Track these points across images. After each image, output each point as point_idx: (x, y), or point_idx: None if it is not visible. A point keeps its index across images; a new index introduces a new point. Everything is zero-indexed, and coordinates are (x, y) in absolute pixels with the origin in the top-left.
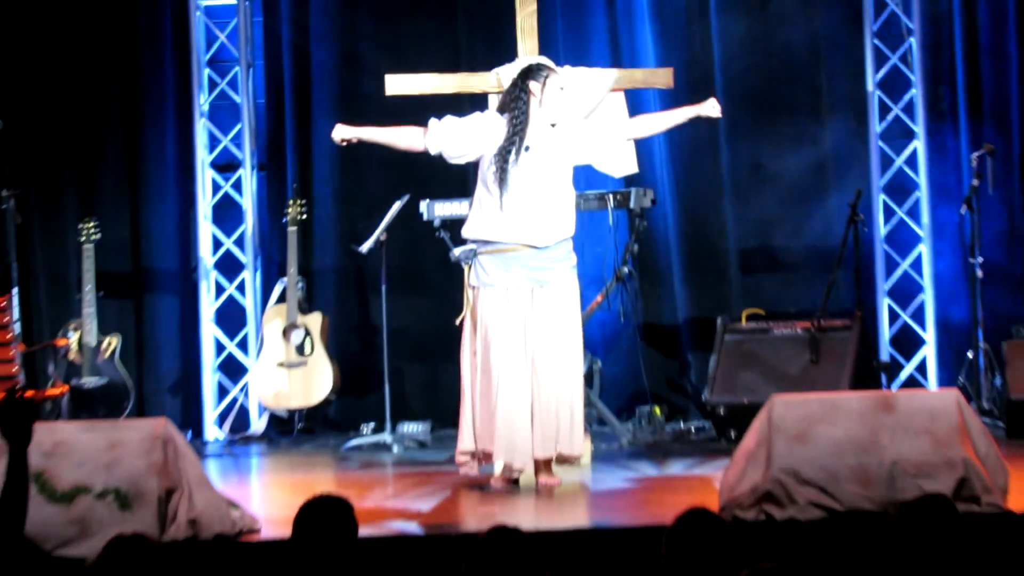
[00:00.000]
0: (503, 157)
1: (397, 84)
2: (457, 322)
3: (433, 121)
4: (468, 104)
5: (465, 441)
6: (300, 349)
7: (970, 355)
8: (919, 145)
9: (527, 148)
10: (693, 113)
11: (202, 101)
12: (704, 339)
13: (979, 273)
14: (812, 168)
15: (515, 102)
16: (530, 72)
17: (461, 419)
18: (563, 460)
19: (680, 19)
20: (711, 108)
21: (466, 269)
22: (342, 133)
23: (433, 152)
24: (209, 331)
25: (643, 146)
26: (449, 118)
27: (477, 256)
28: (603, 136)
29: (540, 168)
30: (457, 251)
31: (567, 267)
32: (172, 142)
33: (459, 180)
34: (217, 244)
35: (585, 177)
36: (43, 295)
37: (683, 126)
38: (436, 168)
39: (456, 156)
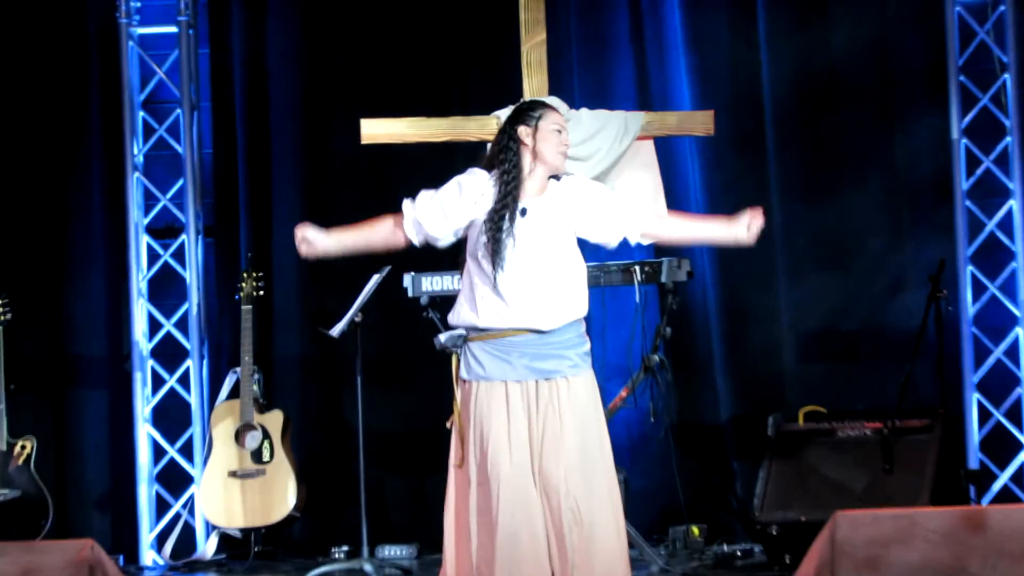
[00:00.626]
0: (495, 224)
1: (374, 129)
2: (448, 424)
3: (406, 204)
4: (462, 157)
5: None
6: (257, 455)
7: None
8: (1015, 205)
9: (523, 212)
10: (729, 236)
11: (136, 151)
12: (752, 443)
13: None
14: (884, 234)
15: (503, 153)
16: (519, 115)
17: (444, 547)
18: None
19: (722, 51)
20: (746, 228)
21: (453, 360)
22: (310, 244)
23: (417, 242)
24: (145, 433)
25: (677, 206)
26: (423, 194)
27: (467, 343)
28: (610, 222)
29: (541, 235)
30: (443, 336)
31: (579, 354)
32: (99, 202)
33: (451, 249)
34: (155, 326)
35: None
36: None
37: (730, 178)
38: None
39: (443, 237)
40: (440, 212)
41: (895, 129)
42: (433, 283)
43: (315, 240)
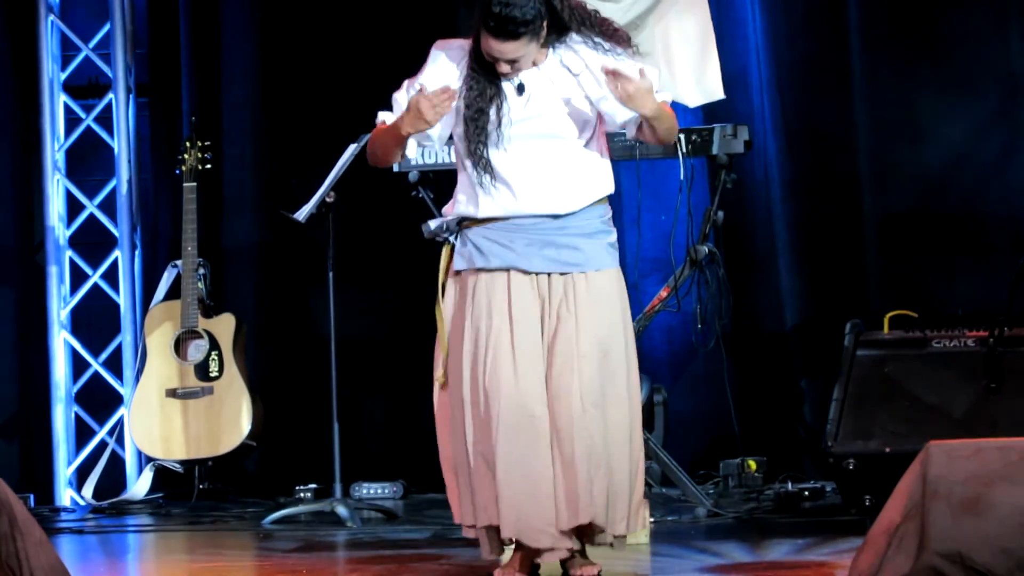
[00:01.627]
0: (482, 101)
1: None
2: (437, 378)
3: (379, 118)
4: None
5: (464, 512)
6: (202, 370)
7: None
8: None
9: (520, 88)
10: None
11: None
12: (825, 356)
13: None
14: (992, 107)
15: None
16: None
17: (446, 479)
18: (605, 539)
19: None
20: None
21: (444, 252)
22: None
23: (411, 155)
24: (62, 341)
25: (732, 58)
26: (400, 94)
27: (463, 230)
28: (611, 103)
29: (545, 109)
30: (432, 223)
31: (602, 245)
32: (3, 52)
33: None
34: (75, 208)
35: None
36: None
37: (801, 21)
38: None
39: (436, 135)
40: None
41: None
42: (424, 155)
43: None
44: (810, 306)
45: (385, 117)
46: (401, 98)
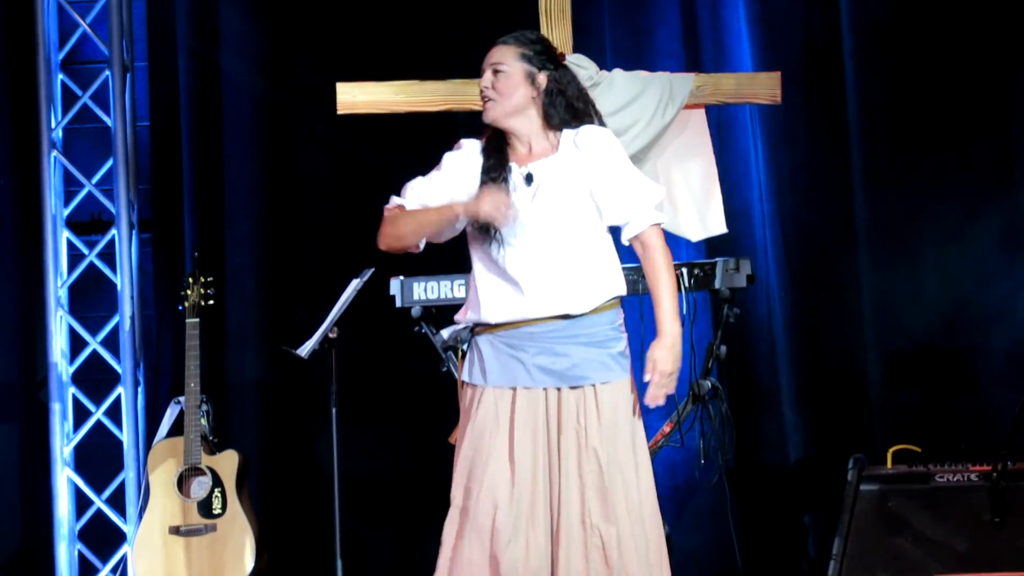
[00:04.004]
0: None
1: (354, 96)
2: (451, 439)
3: (394, 201)
4: (463, 132)
5: None
6: (205, 507)
7: None
8: None
9: (528, 178)
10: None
11: (53, 124)
12: (828, 490)
13: None
14: (999, 229)
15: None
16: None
17: None
18: None
19: None
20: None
21: (458, 362)
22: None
23: (420, 246)
24: (65, 478)
25: (735, 192)
26: (412, 184)
27: (474, 337)
28: (614, 201)
29: (556, 201)
30: (445, 332)
31: (612, 355)
32: (7, 188)
33: (450, 248)
34: (78, 344)
35: None
36: None
37: (803, 159)
38: None
39: (447, 234)
40: (437, 195)
41: (1013, 89)
42: (427, 290)
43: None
44: (813, 440)
45: (403, 202)
46: (418, 186)
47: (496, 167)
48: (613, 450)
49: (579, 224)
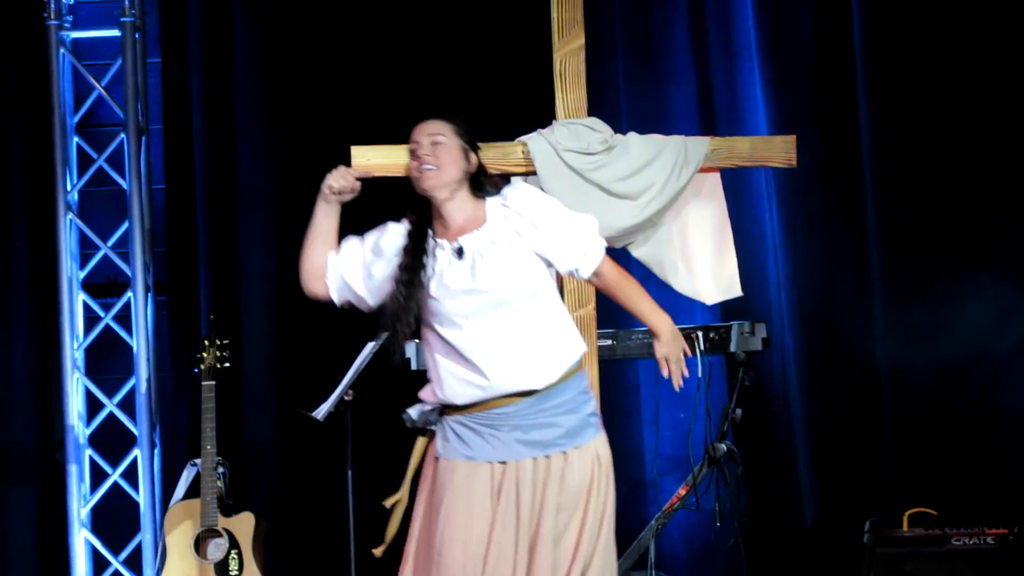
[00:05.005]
0: (407, 282)
1: (368, 159)
2: (387, 503)
3: (331, 256)
4: None
5: None
6: (222, 569)
7: None
8: None
9: (459, 252)
10: (650, 325)
11: (69, 187)
12: (844, 554)
13: None
14: (1015, 288)
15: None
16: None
17: None
18: None
19: (807, 58)
20: (663, 349)
21: (420, 441)
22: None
23: (337, 300)
24: (82, 540)
25: (750, 255)
26: (349, 242)
27: (444, 417)
28: (560, 247)
29: (494, 273)
30: (412, 411)
31: (583, 417)
32: (22, 251)
33: None
34: (94, 406)
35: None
36: None
37: (818, 221)
38: None
39: (362, 300)
40: (362, 266)
41: None
42: None
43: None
44: (829, 503)
45: (330, 257)
46: (348, 248)
47: (419, 243)
48: (589, 517)
49: (525, 290)
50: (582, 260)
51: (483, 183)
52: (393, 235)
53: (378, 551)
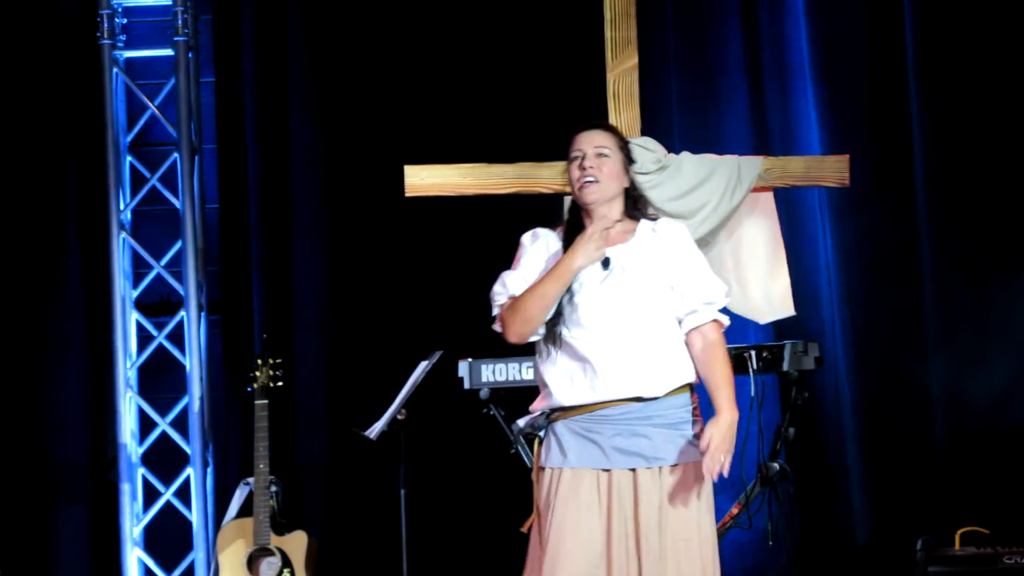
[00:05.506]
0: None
1: (422, 179)
2: (524, 528)
3: (501, 296)
4: (532, 214)
5: None
6: None
7: None
8: None
9: (605, 263)
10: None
11: (122, 206)
12: (896, 573)
13: None
14: None
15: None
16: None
17: None
18: None
19: (860, 79)
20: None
21: (535, 446)
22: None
23: (531, 338)
24: (135, 559)
25: (803, 273)
26: (510, 274)
27: (550, 423)
28: (680, 296)
29: (631, 286)
30: (521, 421)
31: (685, 437)
32: (76, 270)
33: None
34: (147, 425)
35: None
36: None
37: (871, 241)
38: (484, 310)
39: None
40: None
41: None
42: (495, 372)
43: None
44: (881, 522)
45: (510, 292)
46: (516, 276)
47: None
48: (689, 527)
49: (652, 310)
50: (701, 308)
51: (637, 201)
52: (548, 241)
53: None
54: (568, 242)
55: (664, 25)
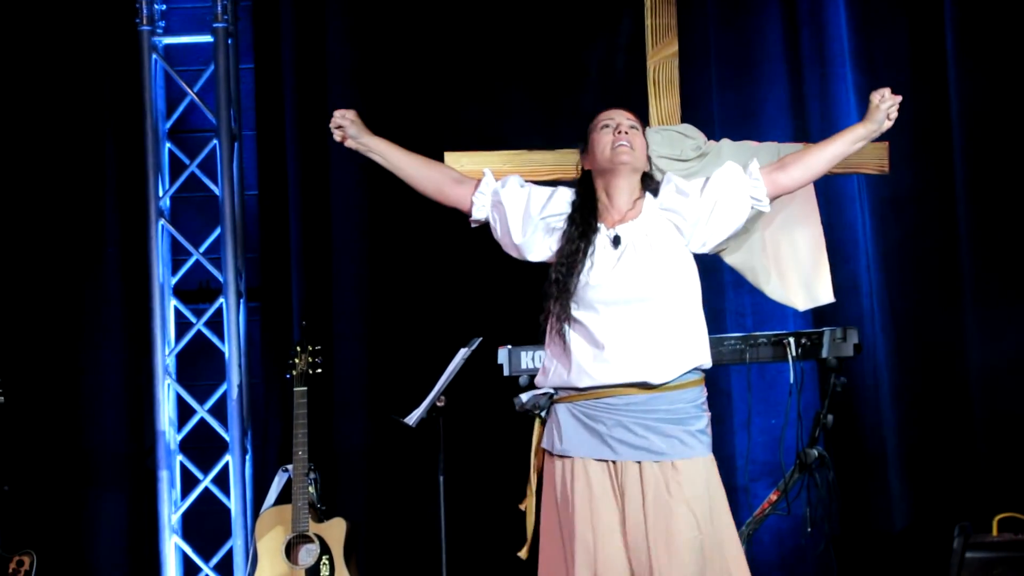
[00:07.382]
0: (569, 262)
1: (462, 165)
2: (522, 506)
3: (488, 173)
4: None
5: None
6: (313, 574)
7: None
8: None
9: (615, 240)
10: (863, 135)
11: (161, 192)
12: (934, 558)
13: None
14: None
15: (576, 186)
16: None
17: None
18: None
19: (899, 68)
20: (876, 112)
21: (536, 426)
22: (345, 130)
23: (480, 217)
24: (173, 545)
25: (842, 260)
26: (514, 177)
27: (553, 405)
28: (726, 209)
29: (642, 264)
30: (524, 396)
31: (691, 432)
32: (114, 257)
33: None
34: (185, 412)
35: (751, 311)
36: None
37: (911, 228)
38: (524, 297)
39: (510, 239)
40: (524, 208)
41: None
42: (535, 359)
43: (354, 128)
44: (919, 508)
45: (488, 175)
46: (513, 181)
47: (583, 224)
48: (705, 517)
49: (665, 290)
50: (752, 182)
51: (649, 185)
52: (561, 200)
53: (522, 553)
54: (577, 210)
55: (704, 12)
